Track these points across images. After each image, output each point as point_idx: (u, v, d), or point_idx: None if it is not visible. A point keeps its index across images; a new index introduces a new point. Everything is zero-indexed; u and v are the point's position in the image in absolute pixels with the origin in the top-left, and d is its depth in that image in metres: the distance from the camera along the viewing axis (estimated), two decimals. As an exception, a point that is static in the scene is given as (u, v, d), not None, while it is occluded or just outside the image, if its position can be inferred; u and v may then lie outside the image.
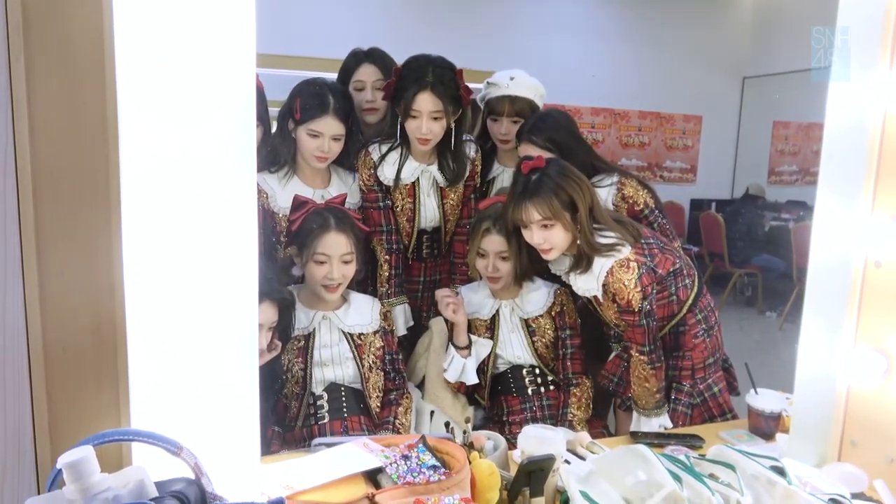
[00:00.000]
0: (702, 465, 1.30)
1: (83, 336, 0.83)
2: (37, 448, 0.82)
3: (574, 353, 1.90)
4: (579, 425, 1.80)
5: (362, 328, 1.78)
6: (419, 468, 1.07)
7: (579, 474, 1.29)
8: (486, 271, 1.86)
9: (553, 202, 1.63)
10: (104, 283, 0.82)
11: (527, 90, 2.09)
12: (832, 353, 1.31)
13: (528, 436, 1.28)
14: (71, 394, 0.83)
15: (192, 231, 0.83)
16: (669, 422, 1.75)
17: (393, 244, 1.99)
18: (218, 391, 0.87)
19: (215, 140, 0.82)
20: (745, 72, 6.82)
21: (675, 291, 1.76)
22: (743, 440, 1.56)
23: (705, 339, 1.80)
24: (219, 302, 0.85)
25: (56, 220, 0.81)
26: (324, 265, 1.70)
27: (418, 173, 1.97)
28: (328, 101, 1.81)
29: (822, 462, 1.34)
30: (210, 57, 0.81)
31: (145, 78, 0.79)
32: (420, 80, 1.81)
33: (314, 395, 1.71)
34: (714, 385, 1.82)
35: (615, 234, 1.68)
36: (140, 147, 0.79)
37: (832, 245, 1.31)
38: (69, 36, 0.79)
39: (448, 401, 1.91)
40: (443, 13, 5.63)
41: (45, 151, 0.79)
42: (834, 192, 1.30)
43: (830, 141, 1.30)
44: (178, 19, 0.79)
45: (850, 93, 1.26)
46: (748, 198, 5.97)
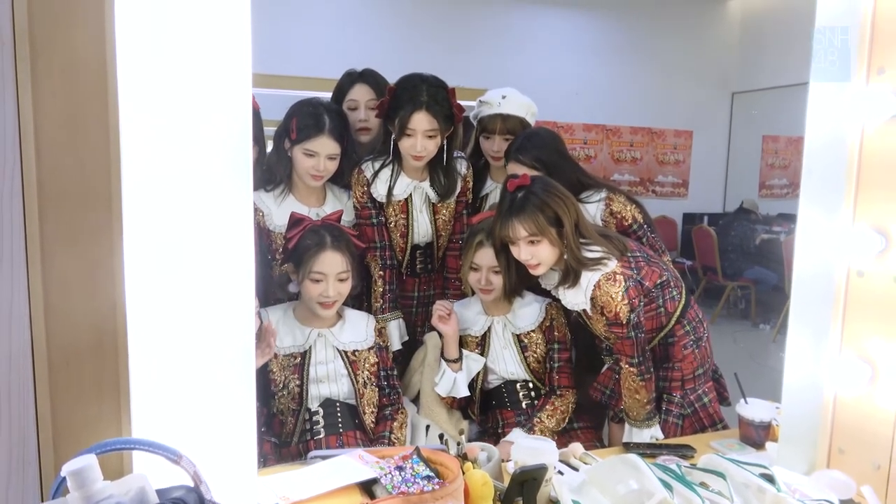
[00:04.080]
0: (692, 474, 1.32)
1: (85, 347, 0.85)
2: (41, 456, 0.83)
3: (562, 367, 1.92)
4: (542, 433, 1.79)
5: (357, 345, 1.80)
6: (413, 479, 1.09)
7: (572, 484, 1.31)
8: (480, 284, 1.89)
9: (539, 218, 1.66)
10: (106, 295, 0.84)
11: (518, 108, 2.12)
12: (818, 362, 1.34)
13: (520, 447, 1.30)
14: (73, 403, 0.85)
15: (191, 245, 0.86)
16: (661, 433, 1.77)
17: (387, 260, 2.01)
18: (216, 401, 0.89)
19: (213, 155, 0.85)
20: (733, 87, 6.92)
21: (662, 303, 1.79)
22: (734, 449, 1.58)
23: (694, 350, 1.82)
24: (217, 314, 0.88)
25: (60, 233, 0.84)
26: (320, 283, 1.72)
27: (411, 189, 2.00)
28: (324, 122, 1.84)
29: (810, 469, 1.36)
30: (208, 76, 0.84)
31: (146, 97, 0.82)
32: (415, 99, 1.85)
33: (310, 410, 1.73)
34: (704, 395, 1.84)
35: (601, 248, 1.71)
36: (141, 163, 0.82)
37: (815, 256, 1.34)
38: (73, 58, 0.82)
39: (443, 415, 1.93)
40: (436, 33, 5.72)
41: (50, 168, 0.82)
42: (816, 205, 1.33)
43: (811, 155, 1.34)
44: (176, 41, 0.83)
45: (829, 107, 1.30)
46: (741, 211, 6.03)
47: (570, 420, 1.91)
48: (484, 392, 1.97)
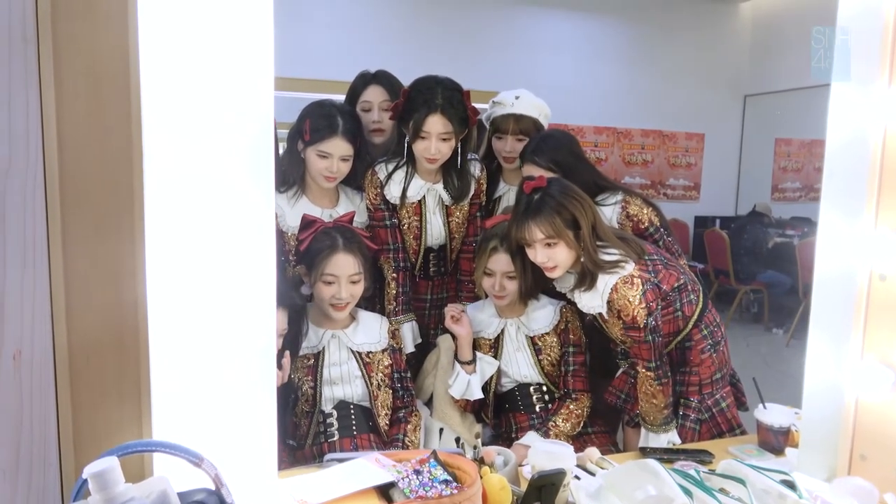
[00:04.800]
0: (712, 480, 1.30)
1: (106, 346, 0.85)
2: (61, 458, 0.83)
3: (577, 370, 1.90)
4: (558, 437, 1.78)
5: (370, 346, 1.80)
6: (431, 483, 1.08)
7: (589, 489, 1.29)
8: (493, 290, 1.88)
9: (555, 221, 1.64)
10: (127, 295, 0.84)
11: (531, 109, 2.11)
12: (839, 367, 1.32)
13: (537, 451, 1.29)
14: (94, 404, 0.85)
15: (212, 245, 0.85)
16: (678, 438, 1.75)
17: (400, 262, 2.01)
18: (236, 404, 0.88)
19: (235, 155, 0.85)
20: (746, 90, 6.88)
21: (680, 307, 1.77)
22: (752, 455, 1.56)
23: (712, 355, 1.80)
24: (238, 316, 0.87)
25: (81, 232, 0.84)
26: (332, 285, 1.72)
27: (424, 191, 2.00)
28: (337, 123, 1.84)
29: (831, 476, 1.34)
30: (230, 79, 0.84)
31: (168, 98, 0.82)
32: (430, 102, 1.84)
33: (324, 412, 1.72)
34: (722, 400, 1.82)
35: (618, 251, 1.69)
36: (163, 164, 0.82)
37: (836, 260, 1.32)
38: (97, 61, 0.82)
39: (456, 418, 1.92)
40: (449, 35, 5.72)
41: (72, 169, 0.82)
42: (837, 208, 1.32)
43: (832, 157, 1.32)
44: (200, 44, 0.83)
45: (850, 109, 1.28)
46: (754, 214, 5.98)
47: (585, 424, 1.89)
48: (497, 395, 1.96)
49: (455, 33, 5.75)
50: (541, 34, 6.08)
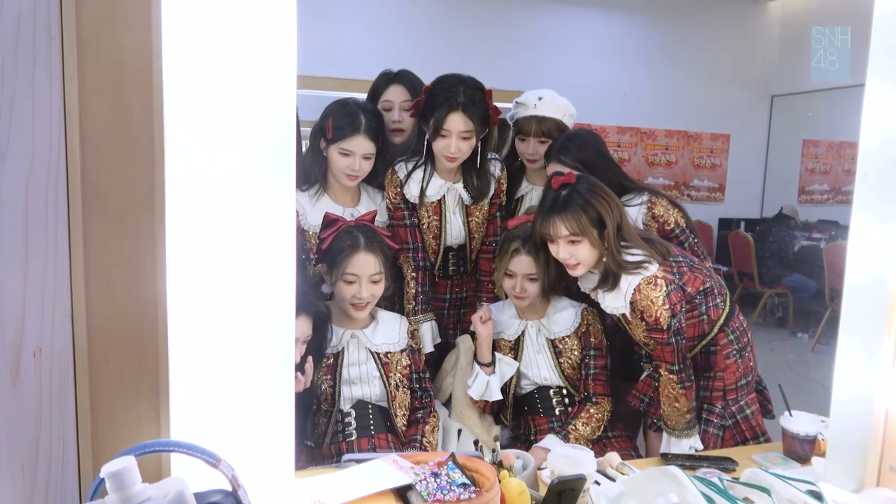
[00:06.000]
0: (735, 489, 1.28)
1: (126, 347, 0.85)
2: (80, 456, 0.83)
3: (597, 374, 1.88)
4: (577, 441, 1.76)
5: (389, 347, 1.79)
6: (449, 486, 1.07)
7: (610, 495, 1.28)
8: (514, 291, 1.86)
9: (581, 218, 1.63)
10: (147, 293, 0.84)
11: (555, 110, 2.09)
12: (870, 375, 1.28)
13: (557, 455, 1.27)
14: (113, 402, 0.85)
15: (232, 246, 0.85)
16: (700, 443, 1.72)
17: (419, 261, 2.00)
18: (254, 404, 0.88)
19: (256, 156, 0.84)
20: (773, 90, 6.76)
21: (705, 311, 1.74)
22: (777, 463, 1.52)
23: (737, 360, 1.77)
24: (257, 318, 0.87)
25: (102, 230, 0.84)
26: (353, 285, 1.71)
27: (444, 191, 1.99)
28: (360, 121, 1.84)
29: (859, 487, 1.30)
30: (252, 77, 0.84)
31: (190, 96, 0.82)
32: (451, 100, 1.83)
33: (342, 412, 1.72)
34: (746, 407, 1.79)
35: (642, 252, 1.67)
36: (185, 164, 0.82)
37: (868, 265, 1.28)
38: (120, 59, 0.83)
39: (475, 419, 1.90)
40: (472, 34, 5.70)
41: (94, 168, 0.82)
42: (869, 211, 1.28)
43: (865, 159, 1.28)
44: (222, 42, 0.82)
45: (885, 110, 1.24)
46: (780, 217, 5.88)
47: (605, 429, 1.87)
48: (516, 398, 1.94)
49: (479, 32, 5.73)
50: (565, 33, 6.04)
